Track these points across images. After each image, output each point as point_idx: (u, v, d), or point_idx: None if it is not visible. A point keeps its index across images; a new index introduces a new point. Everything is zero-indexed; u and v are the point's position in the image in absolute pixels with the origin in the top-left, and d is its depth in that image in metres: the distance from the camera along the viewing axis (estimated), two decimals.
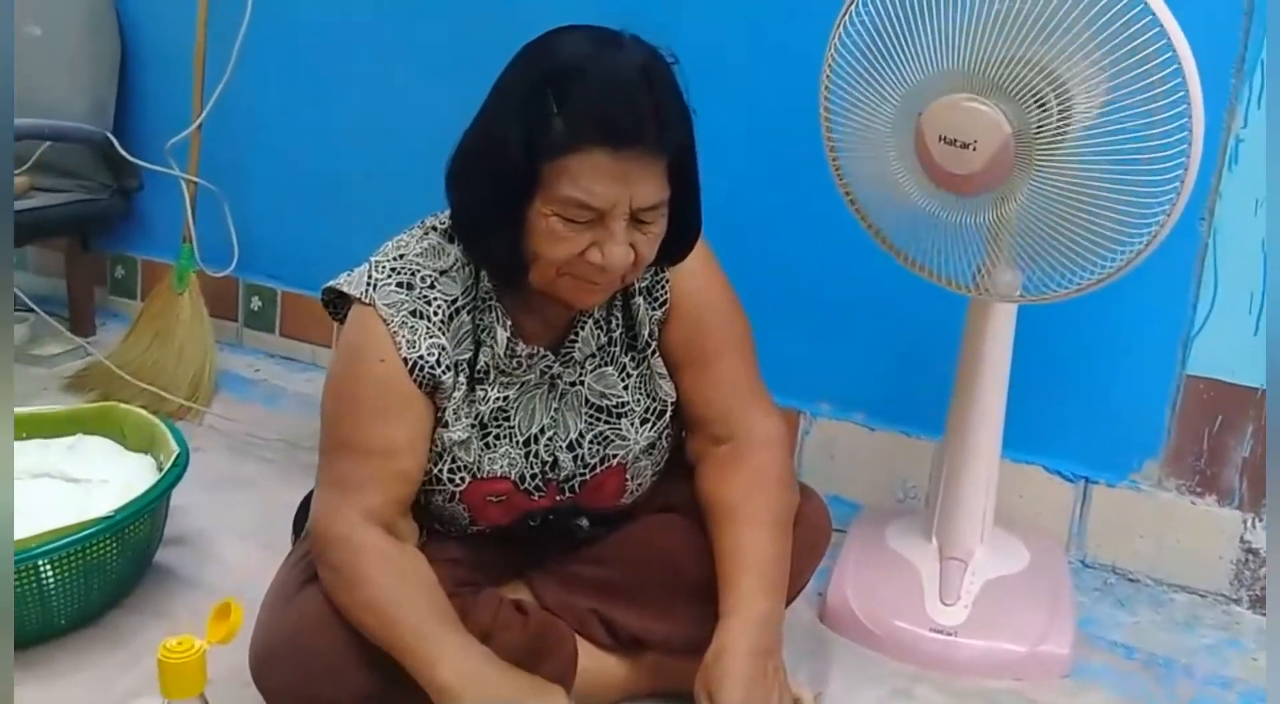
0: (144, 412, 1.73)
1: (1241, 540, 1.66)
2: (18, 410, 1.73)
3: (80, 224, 2.52)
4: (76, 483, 1.61)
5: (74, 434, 1.72)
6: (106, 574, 1.48)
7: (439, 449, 1.25)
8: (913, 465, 1.84)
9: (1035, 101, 1.26)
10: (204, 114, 2.28)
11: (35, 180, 2.44)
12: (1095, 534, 1.76)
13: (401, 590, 1.16)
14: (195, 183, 2.33)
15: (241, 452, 2.06)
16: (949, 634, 1.48)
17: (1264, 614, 1.65)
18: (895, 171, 1.37)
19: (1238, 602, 1.67)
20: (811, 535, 1.34)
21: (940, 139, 1.29)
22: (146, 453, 1.68)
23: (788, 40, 1.80)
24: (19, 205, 2.34)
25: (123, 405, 1.77)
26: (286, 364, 2.49)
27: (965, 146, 1.28)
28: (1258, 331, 1.61)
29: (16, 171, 2.43)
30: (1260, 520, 1.65)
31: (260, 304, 2.55)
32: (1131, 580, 1.73)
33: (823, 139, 1.42)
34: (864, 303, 1.85)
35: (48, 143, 2.41)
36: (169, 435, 1.64)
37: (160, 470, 1.61)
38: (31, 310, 2.29)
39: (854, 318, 1.87)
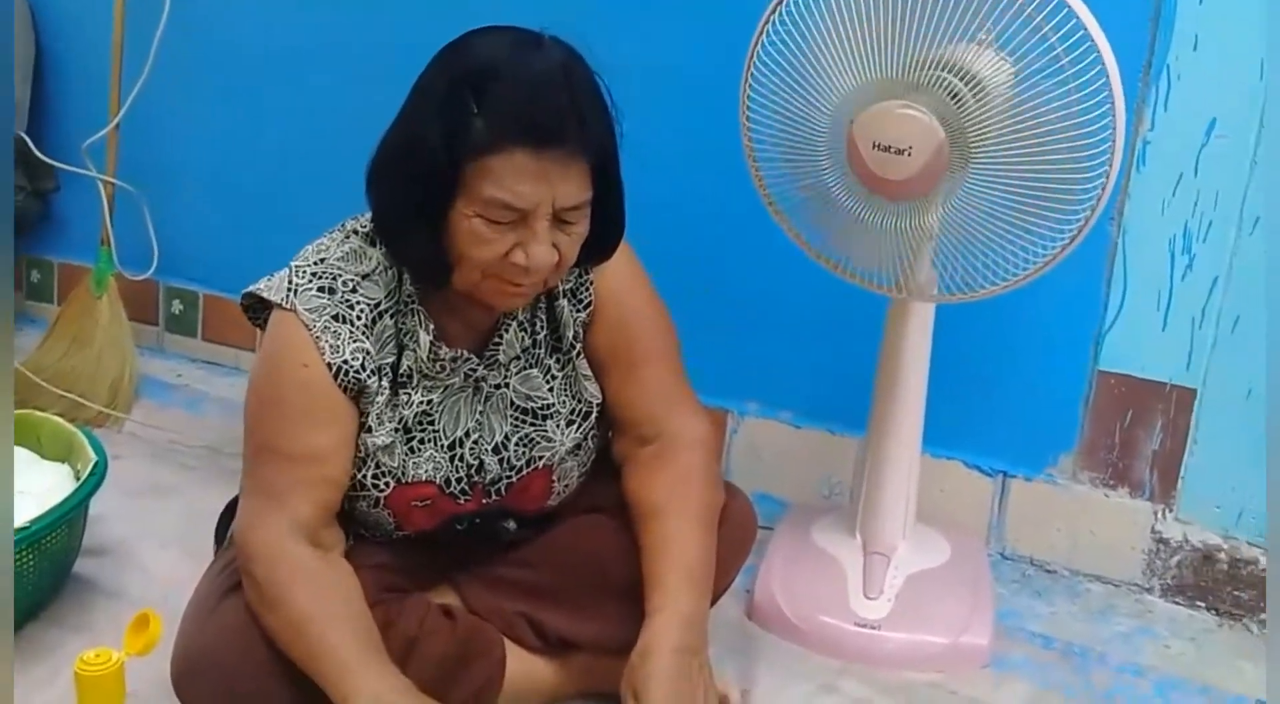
0: (60, 420, 1.69)
1: (1153, 531, 1.71)
2: None
3: None
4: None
5: None
6: (23, 587, 1.44)
7: (362, 454, 1.25)
8: (839, 463, 1.87)
9: (955, 101, 1.29)
10: (121, 113, 2.23)
11: None
12: (1013, 527, 1.79)
13: (323, 613, 1.14)
14: (113, 184, 2.28)
15: (163, 459, 2.02)
16: (873, 628, 1.50)
17: (1175, 602, 1.70)
18: (825, 178, 1.38)
19: (1150, 591, 1.72)
20: (737, 533, 1.36)
21: (874, 146, 1.31)
22: (64, 462, 1.65)
23: (712, 46, 1.81)
24: None
25: (38, 413, 1.73)
26: (209, 368, 2.45)
27: (900, 152, 1.30)
28: (1165, 327, 1.65)
29: None
30: (1170, 512, 1.71)
31: (182, 308, 2.51)
32: (1049, 571, 1.77)
33: (743, 145, 1.43)
34: (790, 302, 1.87)
35: None
36: (86, 444, 1.61)
37: (78, 479, 1.58)
38: None
39: (780, 317, 1.89)
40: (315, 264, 1.23)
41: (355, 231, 1.26)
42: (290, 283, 1.22)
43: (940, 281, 1.44)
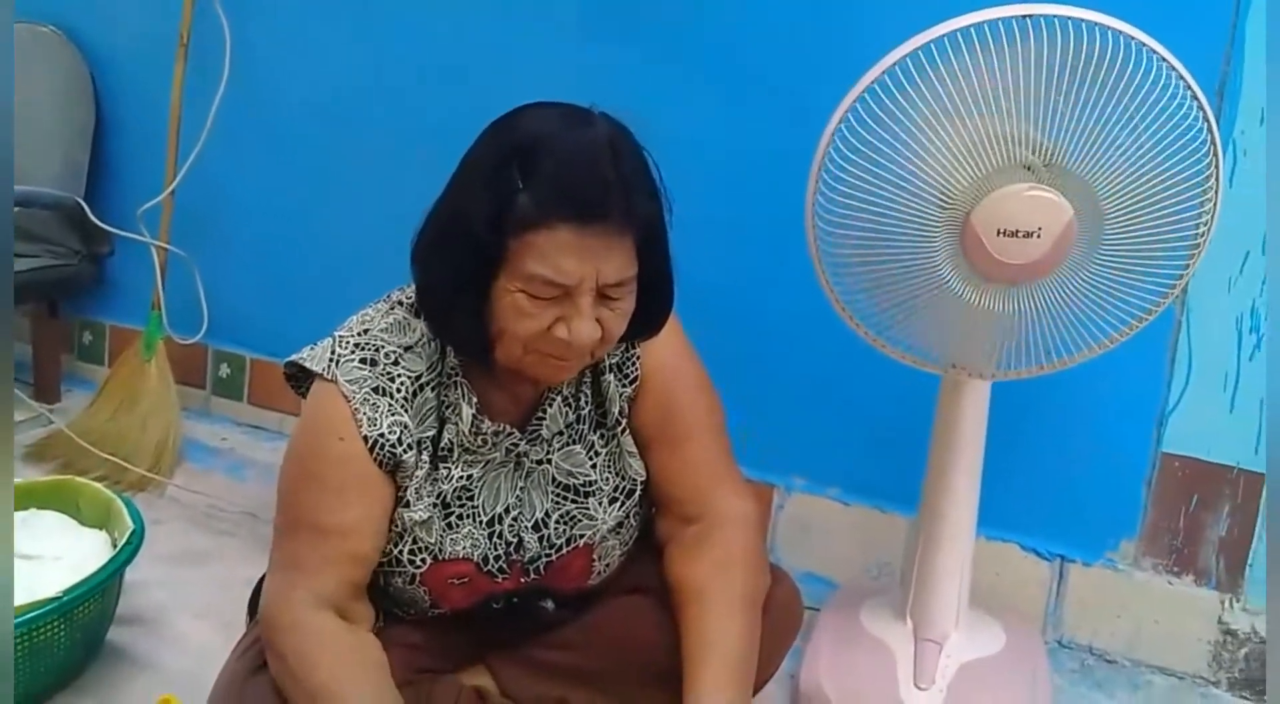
0: (99, 486, 1.69)
1: (1219, 621, 1.64)
2: None
3: (49, 290, 2.48)
4: (28, 559, 1.56)
5: (27, 508, 1.67)
6: (54, 657, 1.43)
7: (399, 529, 1.22)
8: (888, 542, 1.82)
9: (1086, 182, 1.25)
10: (177, 180, 2.26)
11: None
12: (1072, 614, 1.73)
13: (349, 680, 1.11)
14: (166, 249, 2.31)
15: (202, 524, 2.01)
16: None
17: (1244, 698, 1.62)
18: (926, 265, 1.32)
19: (1216, 684, 1.64)
20: (782, 620, 1.31)
21: (999, 233, 1.26)
22: (101, 528, 1.64)
23: (766, 124, 1.81)
24: None
25: (78, 479, 1.72)
26: (254, 433, 2.45)
27: (1029, 235, 1.26)
28: (1233, 409, 1.59)
29: None
30: (1237, 602, 1.63)
31: (229, 371, 2.52)
32: (1109, 661, 1.70)
33: (806, 232, 1.36)
34: (839, 375, 1.83)
35: (17, 208, 2.38)
36: (124, 511, 1.60)
37: (115, 547, 1.57)
38: None
39: (829, 390, 1.85)
40: (359, 335, 1.22)
41: (400, 303, 1.25)
42: (333, 353, 1.21)
43: (1004, 358, 1.39)
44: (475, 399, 1.22)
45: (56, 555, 1.56)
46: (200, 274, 2.32)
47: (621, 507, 1.29)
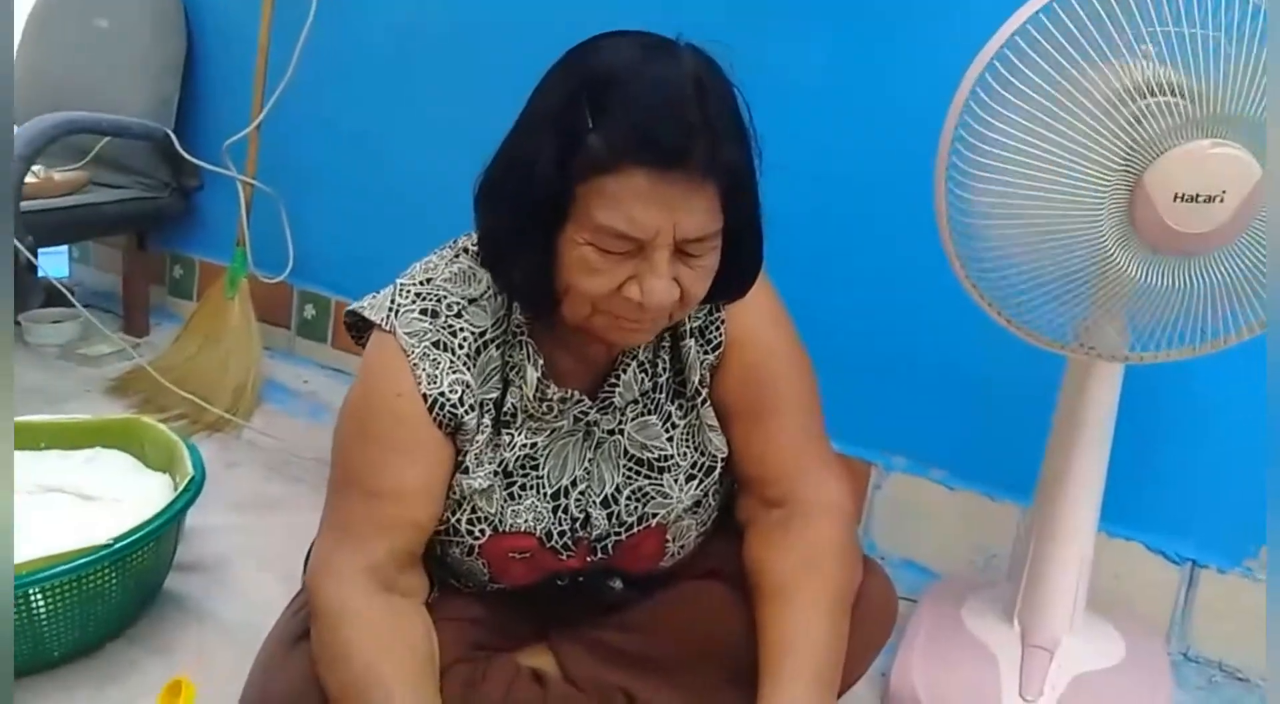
0: (164, 428, 1.63)
1: None
2: (41, 418, 1.65)
3: (137, 221, 2.46)
4: (89, 500, 1.52)
5: (94, 446, 1.63)
6: (105, 604, 1.38)
7: (458, 497, 1.12)
8: (996, 531, 1.67)
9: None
10: (263, 114, 2.20)
11: (94, 175, 2.39)
12: (1201, 625, 1.56)
13: (384, 682, 1.01)
14: (251, 185, 2.25)
15: (276, 470, 1.96)
16: None
17: None
18: (1088, 236, 1.15)
19: None
20: (873, 618, 1.18)
21: (1176, 197, 1.10)
22: (165, 472, 1.58)
23: (881, 71, 1.65)
24: (76, 200, 2.28)
25: (145, 419, 1.67)
26: (336, 376, 2.40)
27: (1211, 200, 1.09)
28: None
29: (76, 166, 2.38)
30: None
31: (314, 312, 2.46)
32: (1240, 679, 1.53)
33: (935, 192, 1.21)
34: (949, 347, 1.68)
35: (107, 138, 2.35)
36: (187, 456, 1.54)
37: (176, 491, 1.51)
38: (84, 307, 2.20)
39: (937, 362, 1.71)
40: (421, 284, 1.12)
41: (465, 250, 1.14)
42: (393, 302, 1.12)
43: (1148, 338, 1.23)
44: (541, 361, 1.11)
45: (117, 497, 1.52)
46: (286, 211, 2.26)
47: (699, 484, 1.18)
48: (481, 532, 1.14)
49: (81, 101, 2.33)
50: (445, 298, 1.11)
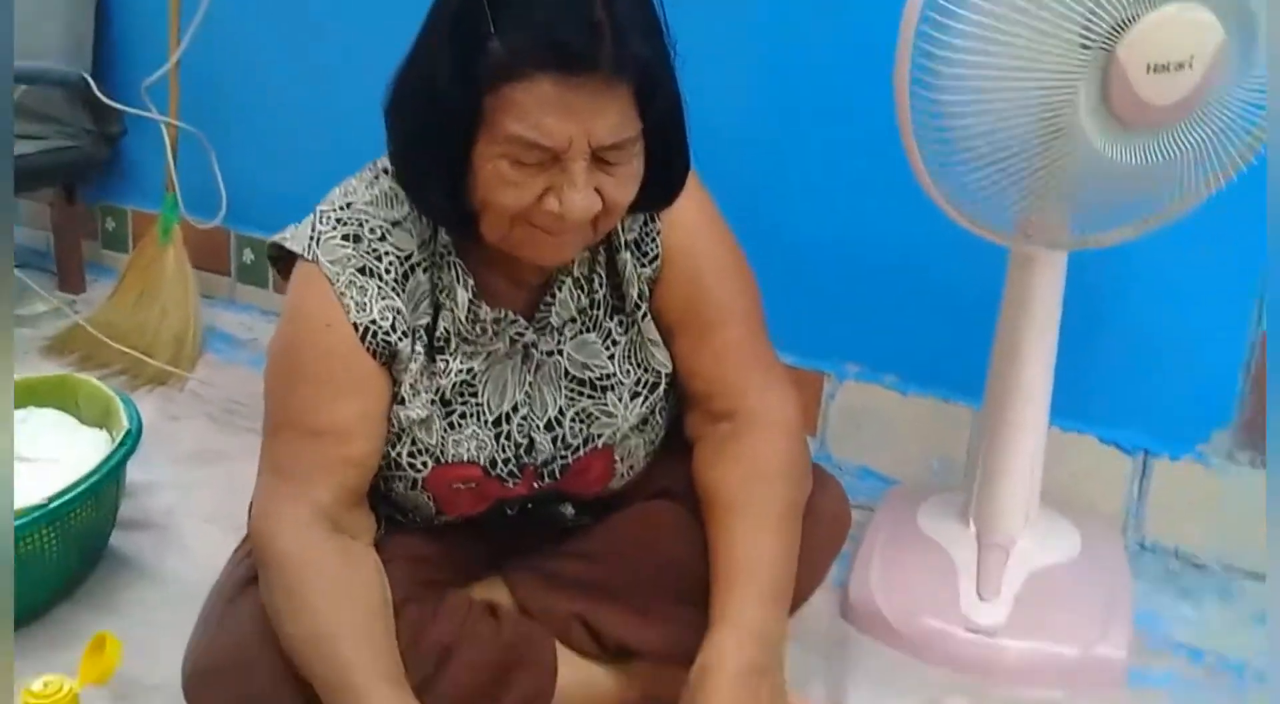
0: (99, 382, 1.59)
1: None
2: None
3: (62, 173, 2.38)
4: (25, 462, 1.47)
5: (26, 407, 1.58)
6: (46, 566, 1.34)
7: (397, 429, 1.10)
8: (951, 436, 1.67)
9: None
10: (180, 50, 2.11)
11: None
12: (1156, 514, 1.57)
13: (337, 630, 1.00)
14: (176, 126, 2.17)
15: (221, 420, 1.93)
16: (988, 635, 1.31)
17: None
18: (1064, 113, 1.11)
19: None
20: (826, 530, 1.18)
21: (1149, 68, 1.06)
22: (101, 427, 1.54)
23: None
24: None
25: (78, 376, 1.63)
26: None
27: (1180, 68, 1.06)
28: None
29: None
30: None
31: (253, 257, 2.40)
32: (1197, 566, 1.55)
33: (896, 78, 1.15)
34: (897, 253, 1.66)
35: (23, 87, 2.26)
36: (122, 409, 1.50)
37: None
38: (16, 266, 2.14)
39: (887, 268, 1.69)
40: (341, 209, 1.09)
41: (386, 171, 1.10)
42: (314, 230, 1.08)
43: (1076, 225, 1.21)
44: (472, 282, 1.07)
45: (53, 457, 1.48)
46: (215, 152, 2.18)
47: (645, 402, 1.15)
48: (424, 464, 1.12)
49: None
50: (367, 222, 1.07)
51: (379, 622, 1.03)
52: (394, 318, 1.05)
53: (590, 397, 1.14)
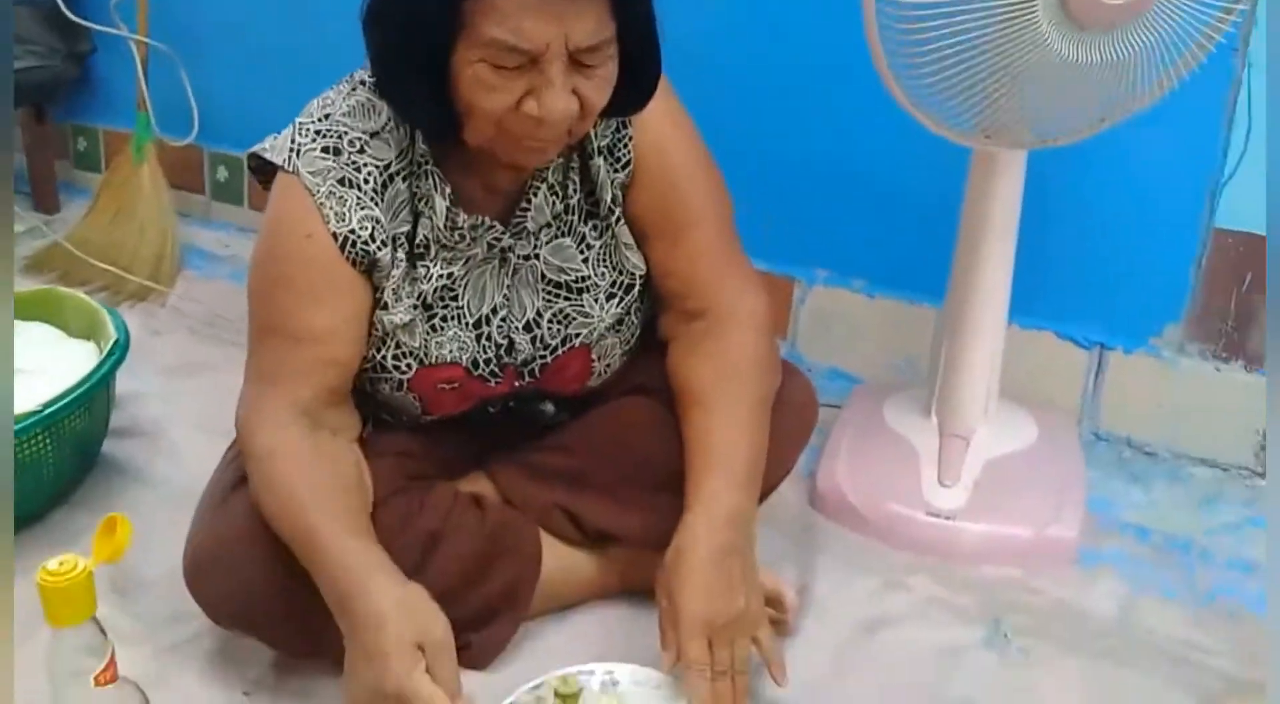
0: (84, 295, 1.62)
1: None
2: None
3: (32, 93, 2.36)
4: (17, 372, 1.50)
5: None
6: (42, 472, 1.39)
7: (380, 333, 1.14)
8: (916, 336, 1.71)
9: None
10: None
11: None
12: (1110, 405, 1.63)
13: (314, 502, 1.04)
14: (146, 44, 2.16)
15: (202, 334, 1.95)
16: (948, 518, 1.37)
17: None
18: (1023, 16, 1.15)
19: (1263, 475, 1.55)
20: (794, 419, 1.24)
21: None
22: (89, 339, 1.57)
23: None
24: None
25: (61, 289, 1.65)
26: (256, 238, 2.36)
27: None
28: None
29: None
30: None
31: (227, 175, 2.41)
32: (1148, 454, 1.61)
33: None
34: (864, 160, 1.69)
35: None
36: (109, 321, 1.53)
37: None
38: None
39: (853, 174, 1.72)
40: (320, 121, 1.11)
41: (363, 82, 1.13)
42: (293, 142, 1.11)
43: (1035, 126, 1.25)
44: (449, 189, 1.11)
45: (42, 368, 1.50)
46: (186, 70, 2.17)
47: (620, 303, 1.20)
48: (408, 366, 1.16)
49: None
50: (346, 133, 1.10)
51: (348, 495, 1.08)
52: (373, 227, 1.09)
53: (567, 298, 1.18)
